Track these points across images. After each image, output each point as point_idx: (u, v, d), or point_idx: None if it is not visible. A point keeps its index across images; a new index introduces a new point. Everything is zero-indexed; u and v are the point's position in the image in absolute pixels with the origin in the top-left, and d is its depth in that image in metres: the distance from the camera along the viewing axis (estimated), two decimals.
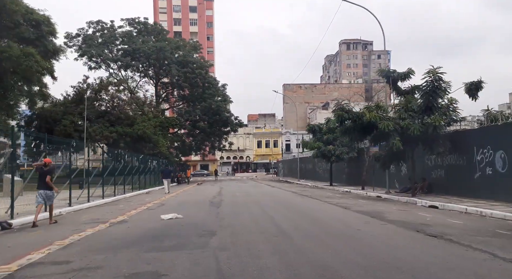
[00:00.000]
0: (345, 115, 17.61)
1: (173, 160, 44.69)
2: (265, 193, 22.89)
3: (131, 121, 39.55)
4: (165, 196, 21.45)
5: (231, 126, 48.93)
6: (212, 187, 31.92)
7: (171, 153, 44.66)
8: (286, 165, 59.24)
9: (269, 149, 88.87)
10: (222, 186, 31.97)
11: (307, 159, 45.55)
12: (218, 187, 31.34)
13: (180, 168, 46.88)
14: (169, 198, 19.72)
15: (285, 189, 27.77)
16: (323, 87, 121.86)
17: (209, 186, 33.05)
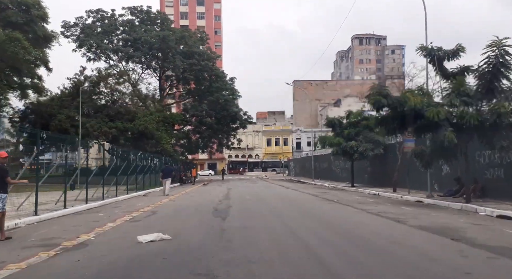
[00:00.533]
0: (383, 101, 14.08)
1: (177, 158, 41.45)
2: (281, 196, 19.44)
3: (132, 116, 36.40)
4: (162, 199, 18.11)
5: (240, 122, 45.52)
6: (218, 188, 28.59)
7: (176, 151, 41.41)
8: (298, 164, 55.71)
9: (279, 147, 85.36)
10: (229, 187, 28.63)
11: (322, 157, 42.00)
12: (226, 188, 28.01)
13: (184, 167, 43.64)
14: (166, 202, 16.37)
15: (302, 190, 24.28)
16: (335, 83, 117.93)
17: (216, 187, 29.73)
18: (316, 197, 18.43)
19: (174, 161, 40.37)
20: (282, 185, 31.05)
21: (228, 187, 28.30)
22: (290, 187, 28.22)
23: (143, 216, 11.46)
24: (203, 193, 22.43)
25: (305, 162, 49.81)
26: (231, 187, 29.15)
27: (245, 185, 32.56)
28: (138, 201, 17.20)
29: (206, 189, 26.84)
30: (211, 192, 22.29)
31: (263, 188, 26.85)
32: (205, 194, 21.15)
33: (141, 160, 28.59)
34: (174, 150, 41.54)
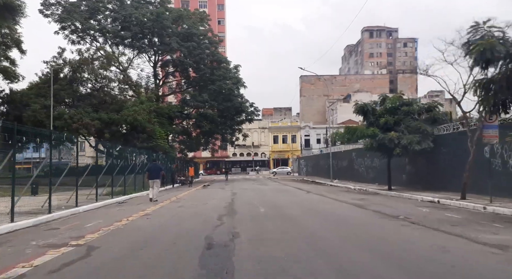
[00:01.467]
0: (500, 49, 8.20)
1: (174, 156, 35.75)
2: (309, 206, 13.45)
3: (120, 105, 30.73)
4: (135, 214, 12.26)
5: (246, 115, 39.77)
6: (220, 192, 22.85)
7: (172, 147, 35.75)
8: (310, 162, 49.83)
9: (287, 145, 79.53)
10: (234, 191, 22.88)
11: (341, 154, 36.13)
12: (229, 191, 22.27)
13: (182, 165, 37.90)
14: (134, 222, 10.44)
15: (330, 195, 18.40)
16: (344, 78, 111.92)
17: (217, 191, 23.99)
18: (362, 208, 12.56)
19: (170, 159, 34.69)
20: (299, 188, 25.23)
21: (233, 191, 22.52)
22: (310, 191, 22.35)
23: (78, 254, 5.78)
24: (199, 201, 16.59)
25: (319, 160, 43.96)
26: (236, 190, 23.38)
27: (254, 187, 26.79)
28: (95, 217, 11.37)
29: (204, 194, 21.03)
30: (209, 200, 16.45)
31: (277, 193, 21.05)
32: (200, 203, 15.31)
33: (122, 157, 23.05)
34: (171, 146, 35.85)
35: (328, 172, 39.85)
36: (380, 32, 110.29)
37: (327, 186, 28.70)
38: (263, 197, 17.64)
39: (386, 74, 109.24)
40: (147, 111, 29.68)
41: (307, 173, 49.75)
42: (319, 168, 43.87)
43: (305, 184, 31.10)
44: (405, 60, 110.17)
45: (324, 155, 42.88)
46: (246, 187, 26.35)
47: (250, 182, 35.77)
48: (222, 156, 78.47)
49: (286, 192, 20.85)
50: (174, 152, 35.16)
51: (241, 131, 41.86)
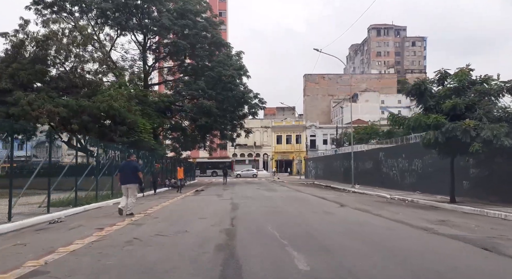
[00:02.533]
0: None
1: (162, 154, 29.36)
2: (381, 243, 7.03)
3: (93, 90, 24.41)
4: (67, 243, 5.93)
5: (249, 107, 33.41)
6: (216, 201, 16.36)
7: (159, 143, 29.40)
8: (320, 164, 43.43)
9: (291, 146, 73.14)
10: (235, 200, 16.35)
11: (362, 155, 29.76)
12: (228, 202, 15.79)
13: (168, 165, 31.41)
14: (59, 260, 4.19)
15: (383, 213, 11.73)
16: (349, 78, 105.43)
17: (211, 199, 17.52)
18: (490, 252, 6.22)
19: (158, 158, 28.32)
20: (320, 196, 18.65)
21: (233, 201, 16.00)
22: (344, 203, 15.73)
23: None
24: (177, 222, 9.83)
25: (332, 162, 37.57)
26: (237, 199, 16.90)
27: (260, 194, 20.34)
28: None
29: (191, 207, 14.34)
30: (194, 221, 9.73)
31: (296, 204, 14.60)
32: (176, 229, 8.48)
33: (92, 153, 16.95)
34: (159, 142, 29.45)
35: (343, 175, 33.49)
36: (388, 30, 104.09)
37: (352, 193, 22.32)
38: (281, 214, 11.14)
39: (393, 73, 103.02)
40: (126, 97, 23.31)
41: (317, 176, 43.35)
42: (331, 171, 37.49)
43: (321, 190, 24.73)
44: (414, 60, 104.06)
45: (339, 156, 36.52)
46: (249, 195, 19.90)
47: (254, 186, 29.37)
48: (221, 156, 72.08)
49: (309, 204, 14.34)
50: (163, 149, 28.83)
51: (243, 127, 35.33)
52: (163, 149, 28.93)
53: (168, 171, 31.63)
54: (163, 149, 29.09)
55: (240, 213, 11.30)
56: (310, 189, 26.35)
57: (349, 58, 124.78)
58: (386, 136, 53.48)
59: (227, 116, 32.20)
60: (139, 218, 10.70)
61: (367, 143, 45.50)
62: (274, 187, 28.51)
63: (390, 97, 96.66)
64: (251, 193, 20.70)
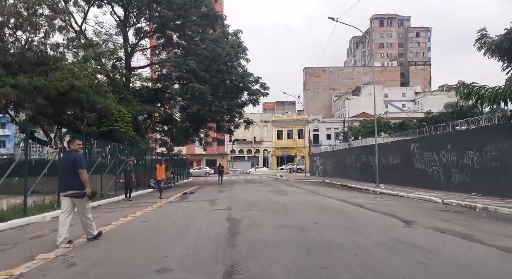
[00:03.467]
0: None
1: (145, 148, 23.96)
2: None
3: (52, 65, 18.97)
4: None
5: (250, 94, 28.00)
6: (206, 213, 10.80)
7: (142, 135, 23.99)
8: (329, 160, 38.05)
9: (292, 141, 67.84)
10: (234, 211, 10.81)
11: (386, 148, 24.36)
12: (223, 213, 10.30)
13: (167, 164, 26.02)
14: None
15: (492, 242, 6.57)
16: (351, 70, 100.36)
17: (200, 208, 11.96)
18: None
19: (140, 152, 22.96)
20: (355, 203, 13.21)
21: (231, 213, 10.37)
22: (402, 216, 10.25)
23: None
24: (142, 250, 4.76)
25: (346, 157, 32.21)
26: (237, 210, 11.37)
27: (268, 199, 14.89)
28: None
29: (165, 227, 8.63)
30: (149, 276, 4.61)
31: (327, 216, 9.29)
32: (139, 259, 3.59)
33: None
34: (140, 134, 24.02)
35: (360, 172, 28.21)
36: (391, 20, 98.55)
37: (385, 196, 17.00)
38: (324, 252, 5.66)
39: (397, 66, 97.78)
40: (92, 74, 17.89)
41: (325, 174, 38.05)
42: (344, 167, 32.18)
43: (340, 191, 19.43)
44: (418, 51, 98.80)
45: (354, 150, 31.22)
46: (253, 200, 14.40)
47: (256, 186, 24.02)
48: (219, 152, 66.71)
49: (352, 220, 8.70)
50: (146, 143, 23.44)
51: (242, 116, 29.77)
52: (146, 143, 23.54)
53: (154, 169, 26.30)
54: (146, 142, 23.70)
55: (244, 247, 5.93)
56: (325, 190, 21.03)
57: (350, 51, 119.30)
58: (398, 128, 48.44)
59: (224, 104, 26.72)
60: (48, 262, 5.33)
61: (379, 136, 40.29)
62: (281, 187, 23.19)
63: (394, 90, 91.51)
64: (255, 198, 15.32)
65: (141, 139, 23.14)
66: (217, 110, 26.40)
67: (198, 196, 16.63)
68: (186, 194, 18.06)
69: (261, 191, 19.19)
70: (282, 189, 20.41)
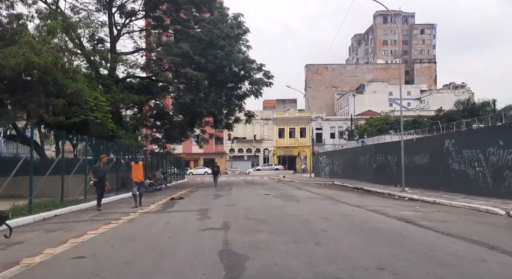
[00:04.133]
0: None
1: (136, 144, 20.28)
2: None
3: (7, 41, 15.32)
4: None
5: (252, 83, 24.32)
6: (191, 234, 7.20)
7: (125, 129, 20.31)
8: (337, 160, 34.38)
9: (294, 140, 64.21)
10: (232, 232, 7.30)
11: (410, 146, 20.66)
12: (217, 235, 6.71)
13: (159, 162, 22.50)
14: None
15: None
16: (354, 68, 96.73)
17: (185, 226, 8.20)
18: None
19: (122, 148, 19.31)
20: (403, 217, 9.33)
21: (226, 236, 6.72)
22: (489, 242, 6.70)
23: None
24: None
25: (358, 156, 28.53)
26: (238, 229, 7.73)
27: (278, 209, 11.15)
28: None
29: (106, 274, 5.28)
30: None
31: (375, 244, 5.78)
32: None
33: None
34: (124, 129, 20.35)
35: (376, 173, 24.62)
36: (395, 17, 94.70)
37: (417, 203, 13.44)
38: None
39: (401, 63, 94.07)
40: (58, 50, 14.25)
41: (332, 174, 34.43)
42: (356, 168, 28.55)
43: (360, 197, 15.82)
44: (422, 49, 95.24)
45: (368, 149, 27.60)
46: (259, 212, 10.58)
47: (258, 189, 20.39)
48: (217, 151, 63.10)
49: (441, 261, 5.11)
50: (130, 137, 19.72)
51: (243, 109, 25.99)
52: (131, 138, 19.85)
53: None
54: (131, 137, 20.01)
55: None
56: (342, 194, 17.41)
57: (352, 49, 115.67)
58: (410, 126, 44.95)
59: (222, 95, 22.99)
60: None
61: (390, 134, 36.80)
62: (288, 190, 19.56)
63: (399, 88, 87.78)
64: (261, 207, 11.61)
65: (125, 134, 19.48)
66: (214, 101, 22.69)
67: (186, 204, 12.97)
68: (174, 200, 14.41)
69: (266, 196, 15.56)
70: (292, 194, 16.75)
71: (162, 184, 25.06)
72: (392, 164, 22.88)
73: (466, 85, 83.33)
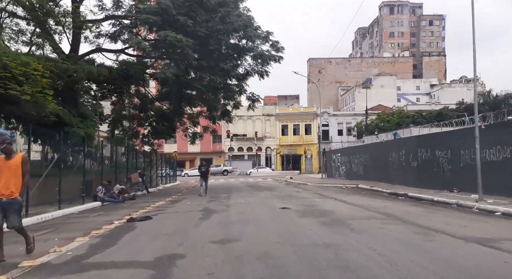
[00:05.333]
0: None
1: (90, 135, 14.38)
2: None
3: None
4: None
5: (256, 57, 18.31)
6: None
7: (81, 116, 14.41)
8: (357, 158, 28.29)
9: (299, 137, 58.35)
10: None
11: (467, 135, 14.64)
12: None
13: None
14: None
15: None
16: (359, 62, 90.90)
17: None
18: None
19: (77, 141, 13.34)
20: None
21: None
22: None
23: None
24: None
25: (388, 152, 22.44)
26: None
27: (322, 245, 5.48)
28: None
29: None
30: None
31: None
32: None
33: None
34: (80, 114, 14.42)
35: (417, 174, 18.68)
36: (402, 7, 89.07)
37: None
38: None
39: (409, 56, 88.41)
40: None
41: (350, 175, 28.44)
42: (385, 167, 22.42)
43: (427, 212, 9.88)
44: (431, 41, 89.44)
45: (404, 143, 21.48)
46: (291, 264, 4.98)
47: (267, 197, 14.56)
48: (215, 150, 57.18)
49: None
50: (87, 128, 13.72)
51: (244, 91, 19.76)
52: (88, 127, 13.87)
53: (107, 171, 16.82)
54: (88, 126, 14.01)
55: None
56: (396, 207, 11.51)
57: (355, 43, 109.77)
58: (434, 119, 39.21)
59: (217, 69, 16.93)
60: None
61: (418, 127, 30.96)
62: (310, 199, 13.62)
63: (407, 82, 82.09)
64: (286, 250, 5.68)
65: (77, 120, 13.57)
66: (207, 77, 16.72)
67: (143, 238, 6.90)
68: (133, 222, 8.50)
69: (285, 213, 9.65)
70: (322, 208, 10.74)
71: (140, 190, 19.20)
72: (443, 161, 16.91)
73: (479, 79, 77.55)
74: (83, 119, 14.18)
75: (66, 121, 13.04)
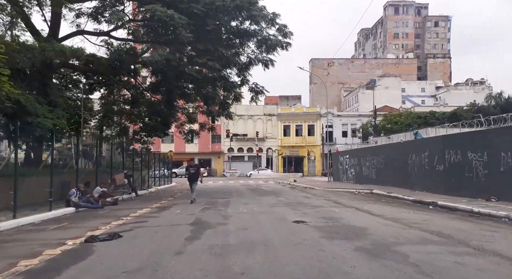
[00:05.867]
0: None
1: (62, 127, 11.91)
2: None
3: None
4: None
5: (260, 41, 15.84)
6: None
7: (49, 104, 11.94)
8: (369, 160, 25.76)
9: (302, 138, 55.88)
10: None
11: (501, 135, 12.14)
12: None
13: None
14: None
15: None
16: (363, 63, 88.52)
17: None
18: None
19: (41, 133, 10.81)
20: None
21: None
22: None
23: None
24: None
25: (408, 154, 19.89)
26: None
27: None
28: None
29: None
30: None
31: None
32: None
33: None
34: (48, 102, 11.92)
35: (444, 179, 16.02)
36: (407, 7, 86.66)
37: None
38: None
39: (413, 58, 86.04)
40: None
41: (361, 179, 25.90)
42: (404, 170, 19.90)
43: (496, 232, 7.40)
44: (436, 43, 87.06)
45: (427, 143, 18.94)
46: None
47: (273, 205, 12.09)
48: (213, 151, 54.68)
49: None
50: (52, 118, 11.22)
51: (246, 81, 17.17)
52: (57, 117, 11.30)
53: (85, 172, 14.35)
54: (56, 116, 11.43)
55: None
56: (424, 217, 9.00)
57: (358, 45, 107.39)
58: (448, 120, 36.73)
59: (215, 55, 14.47)
60: None
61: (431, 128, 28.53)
62: (326, 208, 11.15)
63: (412, 84, 79.69)
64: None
65: (45, 109, 11.07)
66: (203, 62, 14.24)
67: (97, 272, 4.51)
68: (92, 243, 6.01)
69: (301, 229, 7.17)
70: (348, 223, 8.21)
71: (127, 192, 16.68)
72: (477, 165, 14.40)
73: (486, 81, 75.23)
74: (52, 108, 11.67)
75: (30, 110, 10.55)
